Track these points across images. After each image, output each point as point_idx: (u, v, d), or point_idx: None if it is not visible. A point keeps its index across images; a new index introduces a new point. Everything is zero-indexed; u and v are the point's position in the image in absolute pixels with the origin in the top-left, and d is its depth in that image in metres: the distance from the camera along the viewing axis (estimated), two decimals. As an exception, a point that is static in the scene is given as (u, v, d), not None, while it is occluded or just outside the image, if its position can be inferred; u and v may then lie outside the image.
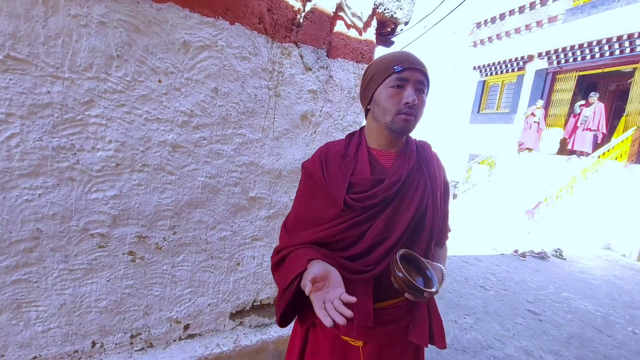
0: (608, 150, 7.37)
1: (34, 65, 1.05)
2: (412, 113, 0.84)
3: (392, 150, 0.93)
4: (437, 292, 0.80)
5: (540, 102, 8.76)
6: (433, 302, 0.99)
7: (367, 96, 0.92)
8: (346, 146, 0.94)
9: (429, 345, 0.95)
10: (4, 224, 1.09)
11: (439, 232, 0.97)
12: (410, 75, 0.84)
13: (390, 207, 0.87)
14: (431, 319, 0.96)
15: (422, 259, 0.85)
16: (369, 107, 0.93)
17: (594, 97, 7.70)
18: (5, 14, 0.99)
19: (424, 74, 0.86)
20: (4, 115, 1.03)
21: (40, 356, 1.23)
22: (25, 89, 1.05)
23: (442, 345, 0.95)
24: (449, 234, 1.08)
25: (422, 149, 0.97)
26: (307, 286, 0.70)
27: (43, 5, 1.03)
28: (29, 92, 1.05)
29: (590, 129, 7.65)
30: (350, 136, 0.98)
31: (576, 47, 8.19)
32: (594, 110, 7.67)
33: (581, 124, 7.77)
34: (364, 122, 1.00)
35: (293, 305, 0.88)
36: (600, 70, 8.33)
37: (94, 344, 1.33)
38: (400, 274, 0.75)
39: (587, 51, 8.11)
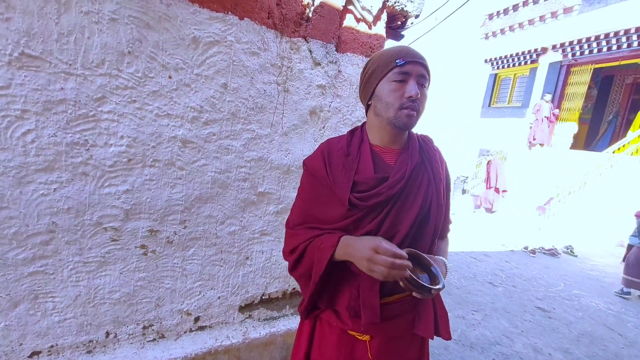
0: (623, 145, 7.18)
1: (47, 62, 1.07)
2: (414, 108, 0.84)
3: (394, 147, 0.92)
4: (443, 287, 0.80)
5: (548, 97, 8.54)
6: (438, 295, 0.99)
7: (368, 91, 0.91)
8: (348, 143, 0.93)
9: (435, 337, 0.96)
10: (21, 218, 1.12)
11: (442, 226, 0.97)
12: (412, 68, 0.83)
13: (396, 205, 0.87)
14: (436, 312, 0.96)
15: (425, 255, 0.86)
16: (369, 102, 0.92)
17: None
18: (20, 12, 1.00)
19: (426, 68, 0.86)
20: (20, 111, 1.05)
21: (57, 345, 1.28)
22: (39, 85, 1.07)
23: (447, 336, 0.96)
24: (450, 227, 1.08)
25: (425, 144, 0.96)
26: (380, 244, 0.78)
27: (55, 2, 1.04)
28: (43, 89, 1.07)
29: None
30: (352, 132, 0.97)
31: (592, 38, 7.94)
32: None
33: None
34: None
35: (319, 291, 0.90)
36: (617, 63, 8.08)
37: (107, 334, 1.37)
38: (407, 274, 0.76)
39: (603, 43, 7.86)
